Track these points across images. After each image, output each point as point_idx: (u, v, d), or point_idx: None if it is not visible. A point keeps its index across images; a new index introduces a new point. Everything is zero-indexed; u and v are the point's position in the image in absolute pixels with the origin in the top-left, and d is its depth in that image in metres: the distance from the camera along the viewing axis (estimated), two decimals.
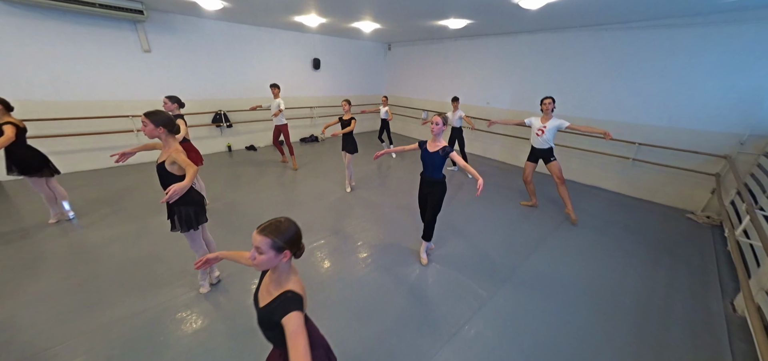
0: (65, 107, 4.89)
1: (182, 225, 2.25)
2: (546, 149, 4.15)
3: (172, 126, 2.08)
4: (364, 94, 9.54)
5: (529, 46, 6.11)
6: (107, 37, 4.98)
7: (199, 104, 6.21)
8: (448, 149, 2.66)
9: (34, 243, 3.26)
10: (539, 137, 4.10)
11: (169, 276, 2.81)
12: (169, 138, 2.09)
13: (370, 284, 2.86)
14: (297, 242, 1.19)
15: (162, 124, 2.02)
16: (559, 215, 4.35)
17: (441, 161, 2.71)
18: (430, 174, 2.83)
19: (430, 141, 2.80)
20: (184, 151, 2.09)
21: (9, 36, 4.28)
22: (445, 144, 2.71)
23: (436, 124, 2.66)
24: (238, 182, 5.20)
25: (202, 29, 5.86)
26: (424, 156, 2.82)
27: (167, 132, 2.07)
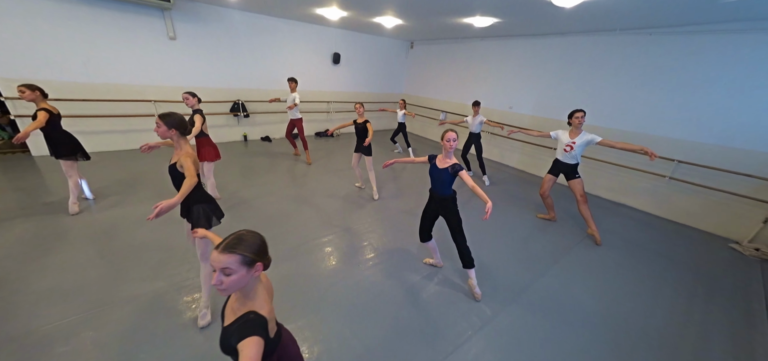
0: (94, 89, 5.13)
1: (200, 222, 2.17)
2: (572, 165, 3.84)
3: (184, 128, 2.07)
4: (384, 92, 9.41)
5: (558, 49, 5.72)
6: (135, 23, 5.17)
7: (219, 93, 6.35)
8: (458, 167, 2.44)
9: (56, 221, 3.41)
10: (568, 154, 3.79)
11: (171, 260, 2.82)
12: (180, 140, 2.08)
13: (370, 288, 2.73)
14: (265, 251, 1.09)
15: (174, 127, 2.00)
16: (579, 232, 4.01)
17: (450, 179, 2.52)
18: (439, 191, 2.64)
19: (440, 156, 2.61)
20: (193, 156, 2.04)
21: (45, 19, 4.52)
22: (455, 161, 2.50)
23: (450, 141, 2.44)
24: (250, 173, 5.24)
25: (225, 19, 5.96)
26: (432, 172, 2.63)
27: (179, 134, 2.05)
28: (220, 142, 6.58)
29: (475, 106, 5.48)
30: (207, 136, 3.82)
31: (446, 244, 3.40)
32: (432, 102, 8.77)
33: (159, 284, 2.55)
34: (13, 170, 4.50)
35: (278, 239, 3.34)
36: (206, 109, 6.24)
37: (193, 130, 3.52)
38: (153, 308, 2.33)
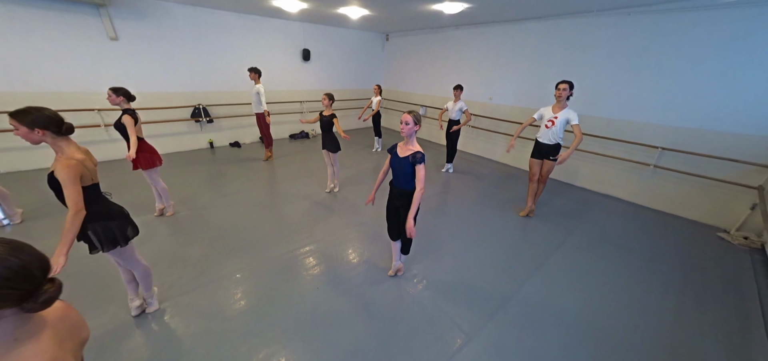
0: (21, 99, 4.52)
1: (105, 243, 1.82)
2: (553, 145, 3.57)
3: (57, 126, 1.62)
4: (361, 88, 8.99)
5: (536, 34, 5.43)
6: (68, 24, 4.59)
7: (176, 98, 5.81)
8: (420, 157, 2.13)
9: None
10: (548, 129, 3.53)
11: (111, 295, 2.39)
12: (57, 141, 1.63)
13: (331, 309, 2.37)
14: (18, 284, 0.67)
15: (39, 126, 1.54)
16: (562, 232, 3.75)
17: (411, 169, 2.18)
18: (400, 184, 2.31)
19: (400, 144, 2.28)
20: (73, 163, 1.61)
21: None
22: (418, 149, 2.17)
23: (406, 124, 2.14)
24: (213, 182, 4.79)
25: (173, 15, 5.42)
26: (393, 162, 2.31)
27: (53, 134, 1.61)
28: (183, 152, 6.13)
29: (457, 90, 5.18)
30: (142, 139, 3.32)
31: (427, 250, 3.08)
32: (411, 96, 8.42)
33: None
34: None
35: (232, 253, 2.95)
36: (164, 116, 5.79)
37: (130, 128, 3.04)
38: None
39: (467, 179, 5.47)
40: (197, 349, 2.01)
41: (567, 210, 4.39)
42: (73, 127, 1.70)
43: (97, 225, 1.81)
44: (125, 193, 4.16)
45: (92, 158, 1.82)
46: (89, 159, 1.77)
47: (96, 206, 1.80)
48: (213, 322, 2.22)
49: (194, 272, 2.73)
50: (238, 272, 2.76)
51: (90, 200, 1.74)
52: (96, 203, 1.81)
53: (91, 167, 1.75)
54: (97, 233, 1.81)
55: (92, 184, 1.76)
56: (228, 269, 2.78)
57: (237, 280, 2.66)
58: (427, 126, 8.07)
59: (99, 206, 1.83)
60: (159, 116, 5.70)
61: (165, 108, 5.68)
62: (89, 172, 1.73)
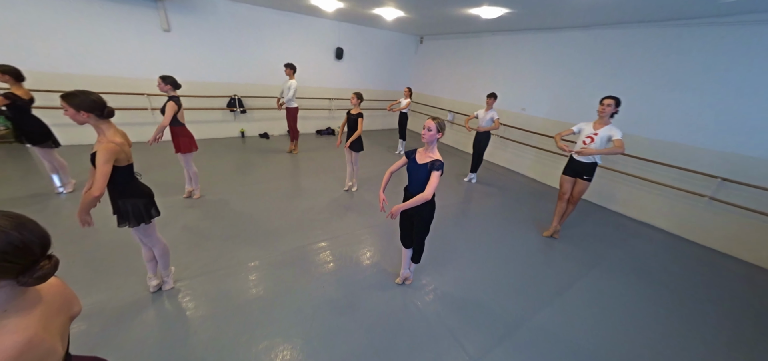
0: (85, 82, 5.08)
1: (131, 219, 1.98)
2: (589, 164, 3.30)
3: (100, 110, 1.77)
4: (390, 89, 8.99)
5: (578, 44, 5.06)
6: (128, 14, 5.06)
7: (215, 88, 6.19)
8: (438, 164, 2.05)
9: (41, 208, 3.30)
10: (586, 147, 3.25)
11: (134, 269, 2.60)
12: (100, 124, 1.79)
13: (334, 305, 2.36)
14: (16, 258, 0.70)
15: (84, 109, 1.68)
16: (589, 258, 3.44)
17: (428, 177, 2.10)
18: (415, 191, 2.23)
19: (420, 150, 2.21)
20: (111, 145, 1.74)
21: (29, 6, 4.47)
22: (437, 157, 2.09)
23: (428, 130, 2.07)
24: (240, 170, 5.03)
25: (221, 11, 5.78)
26: (410, 168, 2.24)
27: (96, 117, 1.76)
28: (216, 139, 6.50)
29: (490, 98, 4.95)
30: (182, 125, 3.57)
31: (440, 260, 2.98)
32: (440, 101, 8.25)
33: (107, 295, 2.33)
34: (16, 158, 4.53)
35: (248, 241, 3.06)
36: (203, 104, 6.19)
37: (169, 114, 3.28)
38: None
39: (490, 191, 5.23)
40: (202, 331, 2.10)
41: (598, 234, 4.03)
42: (113, 111, 1.84)
43: (128, 201, 1.96)
44: (160, 173, 4.49)
45: (128, 141, 1.96)
46: (126, 142, 1.91)
47: (129, 184, 1.96)
48: (220, 307, 2.31)
49: (211, 256, 2.86)
50: (251, 260, 2.85)
51: (124, 178, 1.90)
52: (129, 181, 1.96)
53: (127, 150, 1.89)
54: (126, 208, 1.96)
55: (128, 164, 1.90)
56: (242, 257, 2.88)
57: (249, 269, 2.75)
58: (454, 133, 7.86)
59: (131, 184, 1.98)
60: (199, 104, 6.11)
61: (205, 97, 6.07)
62: (125, 155, 1.87)
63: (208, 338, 2.05)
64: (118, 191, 1.92)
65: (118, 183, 1.89)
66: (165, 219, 3.35)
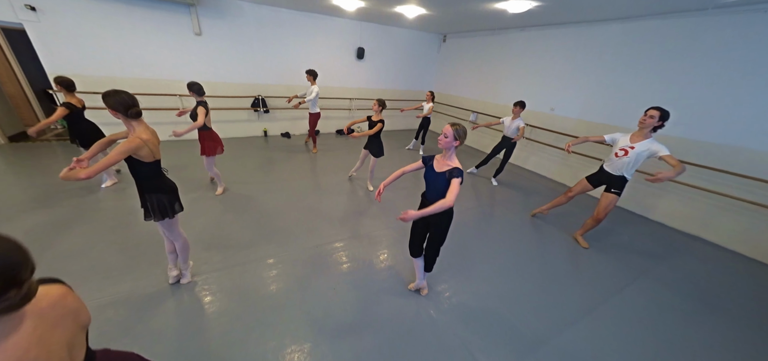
0: (125, 83, 5.47)
1: (156, 213, 2.08)
2: (617, 177, 3.03)
3: (126, 108, 1.85)
4: (412, 89, 8.87)
5: (619, 37, 4.65)
6: (165, 20, 5.38)
7: (240, 88, 6.43)
8: (457, 171, 1.93)
9: (88, 201, 3.60)
10: (618, 159, 2.99)
11: (157, 261, 2.73)
12: (130, 122, 1.88)
13: (345, 308, 2.32)
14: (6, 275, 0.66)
15: (114, 108, 1.79)
16: (627, 273, 3.12)
17: (447, 185, 1.99)
18: (432, 198, 2.13)
19: (438, 157, 2.10)
20: (135, 141, 1.82)
21: (83, 15, 4.88)
22: (456, 164, 1.97)
23: (445, 137, 1.96)
24: (262, 168, 5.17)
25: (247, 14, 5.97)
26: (427, 175, 2.13)
27: (125, 117, 1.85)
28: (240, 138, 6.75)
29: (517, 107, 4.69)
30: (209, 129, 3.73)
31: (457, 267, 2.85)
32: (463, 101, 7.99)
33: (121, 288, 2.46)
34: (71, 155, 4.99)
35: (266, 239, 3.11)
36: (228, 104, 6.44)
37: (200, 120, 3.43)
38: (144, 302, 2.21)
39: (514, 195, 4.97)
40: (215, 326, 2.14)
41: (636, 246, 3.67)
42: (140, 113, 1.90)
43: (153, 196, 2.04)
44: (187, 170, 4.71)
45: (156, 138, 2.04)
46: (154, 138, 1.99)
47: (155, 180, 2.04)
48: (234, 303, 2.34)
49: (229, 252, 2.93)
50: (268, 258, 2.89)
51: (150, 174, 1.99)
52: (155, 177, 2.04)
53: (152, 146, 1.95)
54: (152, 202, 2.05)
55: (154, 160, 1.97)
56: (260, 254, 2.93)
57: (265, 266, 2.78)
58: (476, 134, 7.59)
59: (157, 180, 2.06)
60: (225, 104, 6.37)
61: (231, 97, 6.32)
62: (150, 151, 1.93)
63: (220, 333, 2.09)
64: (143, 186, 2.01)
65: (143, 178, 1.98)
66: (188, 214, 3.49)
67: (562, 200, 3.74)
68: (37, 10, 4.66)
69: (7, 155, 4.89)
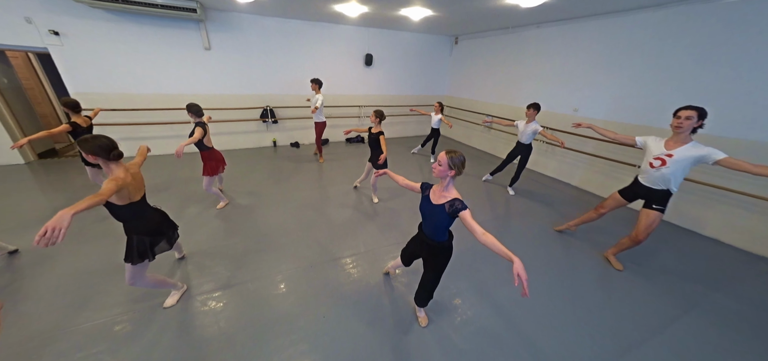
0: (139, 99, 5.65)
1: (132, 256, 1.97)
2: (659, 192, 2.56)
3: (108, 152, 1.79)
4: (423, 94, 8.59)
5: (650, 28, 4.14)
6: (176, 37, 5.52)
7: (249, 100, 6.48)
8: (459, 207, 1.65)
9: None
10: (655, 170, 2.53)
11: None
12: (109, 165, 1.82)
13: (346, 334, 2.07)
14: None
15: (93, 153, 1.74)
16: (675, 303, 2.62)
17: (445, 220, 1.73)
18: (429, 233, 1.88)
19: (436, 187, 1.84)
20: (118, 181, 1.75)
21: (101, 37, 5.10)
22: (456, 196, 1.70)
23: (439, 165, 1.70)
24: (271, 178, 5.12)
25: (255, 26, 6.02)
26: (423, 207, 1.88)
27: (105, 160, 1.79)
28: (250, 148, 6.78)
29: (531, 109, 4.28)
30: (209, 149, 3.65)
31: (471, 287, 2.51)
32: (478, 105, 7.59)
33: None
34: (81, 172, 5.21)
35: (267, 252, 2.96)
36: (238, 116, 6.50)
37: (195, 137, 3.34)
38: None
39: (532, 205, 4.51)
40: (214, 342, 2.03)
41: (685, 269, 3.12)
42: (121, 155, 1.85)
43: (134, 237, 1.97)
44: (192, 183, 4.71)
45: (139, 182, 1.98)
46: (134, 183, 1.91)
47: (135, 220, 1.98)
48: (235, 319, 2.23)
49: (234, 265, 2.84)
50: (272, 272, 2.76)
51: (128, 215, 1.92)
52: (135, 218, 1.97)
53: (131, 189, 1.87)
54: (132, 243, 1.96)
55: (130, 203, 1.88)
56: (263, 269, 2.80)
57: (268, 282, 2.63)
58: (491, 138, 7.15)
59: (138, 220, 1.99)
60: (234, 116, 6.43)
61: (240, 109, 6.37)
62: (128, 193, 1.85)
63: (217, 348, 1.96)
64: (125, 227, 1.97)
65: (122, 219, 1.93)
66: (191, 227, 3.46)
67: (593, 215, 3.28)
68: (60, 34, 4.92)
69: (37, 172, 5.15)
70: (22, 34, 4.74)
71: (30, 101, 5.96)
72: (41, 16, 4.73)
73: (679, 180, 2.50)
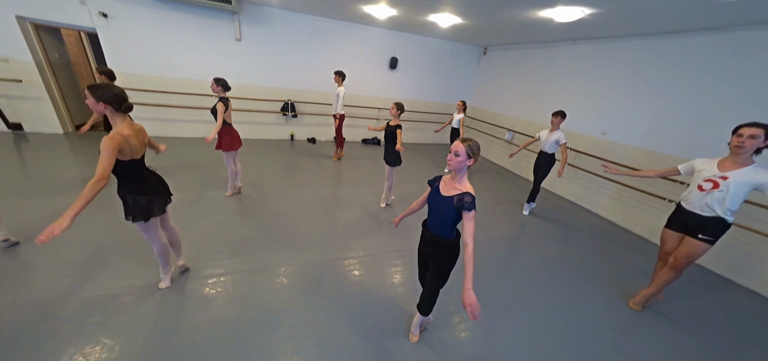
0: (173, 83, 5.95)
1: (131, 214, 2.01)
2: (710, 220, 2.25)
3: (118, 103, 1.82)
4: (447, 102, 8.44)
5: (704, 51, 3.78)
6: (210, 27, 5.78)
7: (272, 92, 6.65)
8: (469, 201, 1.53)
9: None
10: (705, 194, 2.23)
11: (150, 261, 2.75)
12: (115, 116, 1.84)
13: (324, 345, 2.03)
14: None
15: (104, 101, 1.76)
16: (713, 355, 2.34)
17: (451, 214, 1.61)
18: (434, 229, 1.75)
19: (446, 178, 1.73)
20: (116, 138, 1.75)
21: (143, 21, 5.43)
22: (467, 189, 1.58)
23: (455, 155, 1.58)
24: (284, 172, 5.21)
25: (284, 21, 6.18)
26: (431, 199, 1.77)
27: (113, 110, 1.81)
28: (268, 140, 6.95)
29: (556, 117, 4.05)
30: (228, 125, 3.76)
31: (454, 310, 2.39)
32: (500, 118, 7.34)
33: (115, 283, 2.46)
34: None
35: (274, 246, 3.00)
36: (259, 107, 6.68)
37: (219, 115, 3.48)
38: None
39: (552, 229, 4.26)
40: (208, 328, 2.07)
41: (727, 319, 2.80)
42: (131, 107, 1.87)
43: (129, 197, 1.97)
44: (208, 168, 4.86)
45: (142, 138, 1.99)
46: (137, 138, 1.92)
47: (133, 180, 1.96)
48: (233, 309, 2.25)
49: (239, 254, 2.88)
50: (276, 266, 2.78)
51: (128, 173, 1.90)
52: (133, 178, 1.95)
53: (134, 144, 1.88)
54: (127, 203, 1.97)
55: (131, 159, 1.88)
56: (268, 262, 2.82)
57: (271, 275, 2.65)
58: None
59: (136, 181, 1.97)
60: (256, 106, 6.62)
61: (262, 100, 6.56)
62: (130, 148, 1.85)
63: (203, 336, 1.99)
64: (121, 185, 1.94)
65: (120, 177, 1.91)
66: (204, 211, 3.58)
67: (669, 274, 2.53)
68: (108, 16, 5.29)
69: (73, 141, 5.55)
70: (76, 14, 5.14)
71: (76, 77, 6.45)
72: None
73: (734, 207, 2.17)
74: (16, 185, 3.70)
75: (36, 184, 3.78)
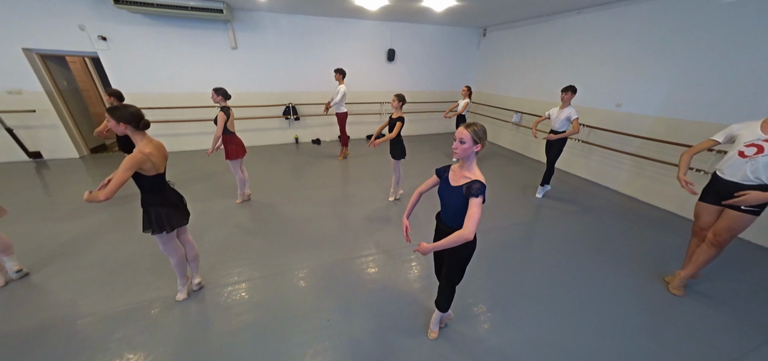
0: (173, 97, 6.02)
1: (154, 227, 2.05)
2: (753, 188, 2.05)
3: (136, 121, 1.86)
4: (449, 90, 8.26)
5: (718, 11, 3.53)
6: (206, 38, 5.79)
7: (273, 97, 6.64)
8: (477, 187, 1.45)
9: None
10: (748, 160, 2.02)
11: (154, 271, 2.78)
12: (135, 134, 1.89)
13: (340, 348, 2.00)
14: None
15: (123, 121, 1.82)
16: (761, 333, 2.19)
17: (464, 204, 1.53)
18: (448, 221, 1.69)
19: (455, 167, 1.66)
20: (137, 156, 1.81)
21: (141, 40, 5.48)
22: (476, 177, 1.50)
23: (461, 142, 1.50)
24: (291, 175, 5.22)
25: (280, 24, 6.13)
26: (442, 191, 1.70)
27: (132, 128, 1.87)
28: (272, 145, 6.96)
29: (567, 92, 3.87)
30: (232, 134, 3.78)
31: (489, 309, 2.33)
32: (506, 100, 7.13)
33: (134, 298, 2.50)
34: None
35: (286, 249, 3.01)
36: (261, 113, 6.69)
37: (220, 123, 3.51)
38: None
39: (568, 211, 4.10)
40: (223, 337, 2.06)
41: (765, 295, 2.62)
42: (148, 124, 1.92)
43: (152, 209, 2.03)
44: (217, 179, 4.91)
45: (162, 153, 2.03)
46: (158, 153, 1.96)
47: (157, 193, 2.03)
48: (248, 317, 2.25)
49: (252, 261, 2.89)
50: (289, 270, 2.78)
51: (152, 187, 1.99)
52: (157, 191, 2.03)
53: (156, 160, 1.92)
54: (150, 215, 2.03)
55: (155, 174, 1.95)
56: (282, 266, 2.82)
57: (285, 280, 2.65)
58: (520, 136, 6.68)
59: (160, 194, 2.05)
60: (257, 113, 6.64)
61: (263, 106, 6.56)
62: (153, 165, 1.91)
63: (227, 343, 2.00)
64: (145, 198, 2.01)
65: (145, 191, 1.99)
66: (216, 220, 3.60)
67: (709, 251, 2.35)
68: (107, 39, 5.37)
69: (89, 165, 5.70)
70: (77, 41, 5.23)
71: (85, 102, 6.61)
72: (92, 23, 5.18)
73: None
74: (41, 212, 3.81)
75: (61, 209, 3.88)
